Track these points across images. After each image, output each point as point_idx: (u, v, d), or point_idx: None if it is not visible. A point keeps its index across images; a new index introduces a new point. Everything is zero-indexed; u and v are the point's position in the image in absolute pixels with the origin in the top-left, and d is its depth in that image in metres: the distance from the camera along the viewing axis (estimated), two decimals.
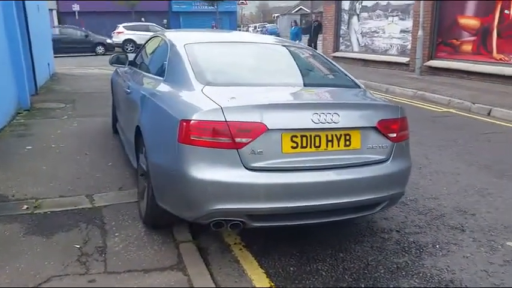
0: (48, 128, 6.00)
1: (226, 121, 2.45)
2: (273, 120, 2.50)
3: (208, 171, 2.46)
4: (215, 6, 32.75)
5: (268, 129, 2.48)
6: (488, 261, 2.88)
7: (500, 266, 2.83)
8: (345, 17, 16.59)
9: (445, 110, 8.24)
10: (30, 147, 5.08)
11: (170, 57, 3.37)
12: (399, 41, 13.93)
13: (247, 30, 48.39)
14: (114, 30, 26.17)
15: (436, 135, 6.15)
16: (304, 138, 2.58)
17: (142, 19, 31.90)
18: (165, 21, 35.27)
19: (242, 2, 36.93)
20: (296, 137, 2.56)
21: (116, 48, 23.85)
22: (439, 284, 2.63)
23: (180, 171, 2.52)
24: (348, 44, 16.45)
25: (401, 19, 13.76)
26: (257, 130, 2.47)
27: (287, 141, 2.55)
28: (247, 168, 2.48)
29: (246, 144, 2.46)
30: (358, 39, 15.93)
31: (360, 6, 15.66)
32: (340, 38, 16.83)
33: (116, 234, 3.08)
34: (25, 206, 3.44)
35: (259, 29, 52.68)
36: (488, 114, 7.73)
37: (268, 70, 3.36)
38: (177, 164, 2.54)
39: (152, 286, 2.49)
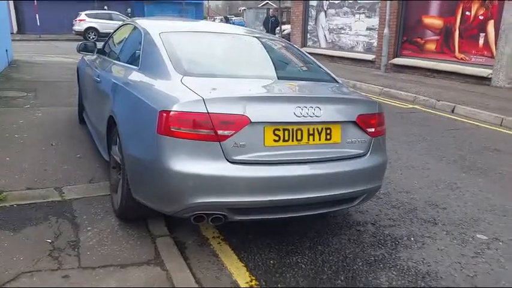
0: (9, 118, 5.68)
1: (208, 113, 2.39)
2: (256, 112, 2.46)
3: (189, 164, 2.39)
4: None
5: (251, 121, 2.44)
6: (461, 254, 2.97)
7: (472, 257, 2.93)
8: (313, 13, 16.71)
9: (411, 106, 8.47)
10: None
11: (145, 46, 3.25)
12: (365, 39, 14.18)
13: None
14: (76, 18, 25.20)
15: (404, 131, 6.31)
16: (286, 132, 2.56)
17: (105, 7, 30.86)
18: (129, 10, 34.24)
19: None
20: (278, 130, 2.54)
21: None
22: (416, 277, 2.69)
23: (159, 163, 2.44)
24: (315, 40, 16.60)
25: (367, 17, 14.00)
26: (240, 123, 2.42)
27: (269, 135, 2.52)
28: (229, 161, 2.43)
29: (228, 136, 2.41)
30: (325, 36, 16.09)
31: (328, 3, 15.82)
32: (308, 34, 16.95)
33: (89, 228, 2.96)
34: None
35: (223, 22, 52.25)
36: (452, 111, 8.00)
37: (247, 62, 3.31)
38: (156, 156, 2.46)
39: (129, 282, 2.40)
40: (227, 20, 27.84)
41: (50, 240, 2.75)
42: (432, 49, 11.52)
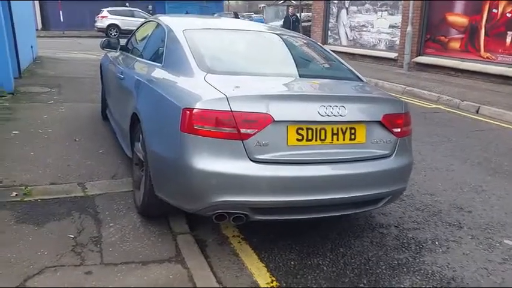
0: (34, 113, 5.79)
1: (231, 111, 2.37)
2: (280, 111, 2.43)
3: (211, 162, 2.38)
4: None
5: (275, 120, 2.41)
6: (488, 259, 2.89)
7: (500, 264, 2.84)
8: (334, 10, 16.52)
9: (435, 106, 8.29)
10: (16, 132, 4.89)
11: (168, 43, 3.25)
12: (388, 36, 13.95)
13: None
14: (98, 14, 25.55)
15: (427, 131, 6.18)
16: (309, 131, 2.52)
17: (127, 4, 31.22)
18: (150, 7, 34.54)
19: None
20: (302, 129, 2.50)
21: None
22: (441, 282, 2.62)
23: (182, 161, 2.43)
24: (336, 37, 16.42)
25: (390, 14, 13.77)
26: (263, 121, 2.40)
27: (293, 134, 2.49)
28: (252, 160, 2.40)
29: (251, 135, 2.38)
30: (346, 33, 15.90)
31: (349, 1, 15.63)
32: (329, 31, 16.78)
33: (111, 224, 2.98)
34: (14, 193, 3.29)
35: (245, 19, 52.26)
36: (477, 112, 7.80)
37: (269, 59, 3.28)
38: (179, 153, 2.45)
39: (151, 279, 2.41)
40: (236, 16, 27.57)
41: (72, 236, 2.78)
42: (456, 48, 11.26)
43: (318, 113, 2.49)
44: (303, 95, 2.63)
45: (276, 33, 3.70)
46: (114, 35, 24.41)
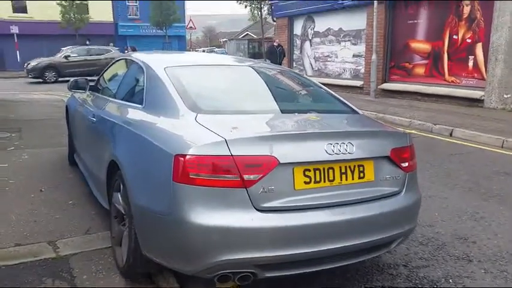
0: None
1: (232, 155, 2.09)
2: (285, 152, 2.18)
3: (212, 216, 2.08)
4: (164, 30, 32.40)
5: (280, 163, 2.16)
6: None
7: None
8: (298, 42, 16.82)
9: (408, 131, 8.27)
10: None
11: (148, 82, 2.97)
12: (352, 65, 14.25)
13: None
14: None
15: None
16: (317, 172, 2.28)
17: (88, 42, 30.75)
18: (111, 44, 34.22)
19: (191, 27, 36.80)
20: (309, 170, 2.26)
21: None
22: None
23: (176, 215, 2.12)
24: (302, 68, 16.63)
25: (353, 44, 14.11)
26: (268, 165, 2.13)
27: (299, 176, 2.23)
28: (258, 210, 2.12)
29: (255, 181, 2.11)
30: (311, 64, 16.15)
31: (312, 32, 15.95)
32: (294, 63, 17.00)
33: None
34: None
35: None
36: (450, 135, 7.88)
37: (260, 95, 3.05)
38: (172, 207, 2.14)
39: None
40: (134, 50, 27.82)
41: None
42: (421, 73, 11.56)
43: (326, 151, 2.26)
44: (308, 133, 2.40)
45: (262, 67, 3.50)
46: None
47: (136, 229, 2.42)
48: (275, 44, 15.45)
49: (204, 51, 55.70)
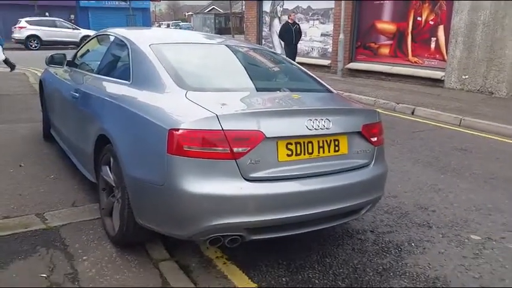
0: None
1: (222, 129, 2.28)
2: (270, 127, 2.39)
3: (204, 184, 2.27)
4: (127, 2, 31.39)
5: (266, 137, 2.37)
6: (462, 256, 3.05)
7: (473, 259, 3.01)
8: (267, 19, 16.84)
9: None
10: None
11: (135, 59, 3.07)
12: (320, 44, 14.48)
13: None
14: (15, 25, 23.79)
15: None
16: (298, 145, 2.51)
17: (47, 14, 29.46)
18: (72, 16, 32.93)
19: None
20: (291, 144, 2.48)
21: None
22: (427, 283, 2.72)
23: (172, 185, 2.30)
24: (271, 46, 16.70)
25: (321, 23, 14.32)
26: (255, 138, 2.34)
27: (283, 149, 2.46)
28: (246, 179, 2.33)
29: (244, 153, 2.31)
30: (280, 42, 16.25)
31: (281, 9, 16.00)
32: (263, 40, 17.05)
33: (84, 257, 2.73)
34: None
35: (172, 27, 51.50)
36: (412, 113, 8.32)
37: (244, 73, 3.23)
38: (167, 177, 2.32)
39: None
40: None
41: (45, 275, 2.51)
42: (386, 53, 11.96)
43: (306, 126, 2.49)
44: (291, 110, 2.61)
45: (244, 46, 3.66)
46: (35, 47, 22.94)
47: (131, 199, 2.58)
48: (289, 20, 12.14)
49: (168, 25, 54.49)
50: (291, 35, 11.91)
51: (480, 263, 2.97)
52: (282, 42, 12.53)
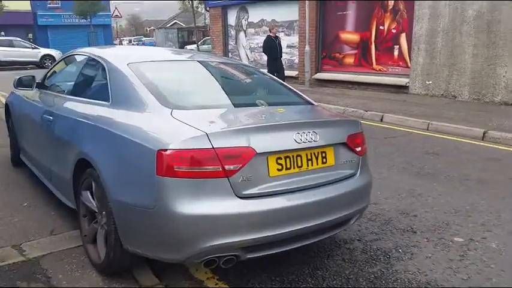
0: None
1: (213, 147, 2.24)
2: (260, 143, 2.37)
3: (198, 205, 2.22)
4: (88, 20, 30.84)
5: (257, 153, 2.35)
6: (449, 258, 3.11)
7: (460, 261, 3.08)
8: (232, 32, 16.95)
9: None
10: None
11: (113, 79, 2.99)
12: (287, 56, 14.65)
13: (120, 44, 46.11)
14: None
15: None
16: (287, 159, 2.50)
17: (2, 33, 28.53)
18: (30, 35, 32.00)
19: (117, 15, 35.35)
20: (281, 158, 2.47)
21: None
22: None
23: (163, 207, 2.23)
24: (238, 59, 16.80)
25: (287, 35, 14.53)
26: (246, 155, 2.32)
27: (273, 164, 2.44)
28: (239, 197, 2.30)
29: (236, 171, 2.28)
30: (247, 54, 16.39)
31: (246, 22, 16.16)
32: (229, 53, 17.12)
33: None
34: None
35: (135, 43, 50.91)
36: (381, 120, 8.53)
37: (225, 89, 3.19)
38: (158, 200, 2.25)
39: None
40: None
41: None
42: (351, 63, 12.25)
43: (295, 140, 2.49)
44: (280, 124, 2.61)
45: (222, 62, 3.65)
46: None
47: (117, 225, 2.49)
48: (271, 34, 11.31)
49: (130, 41, 53.78)
50: (275, 49, 11.33)
51: (467, 264, 3.04)
52: (265, 57, 11.80)
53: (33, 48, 24.28)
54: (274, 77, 3.76)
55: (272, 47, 11.26)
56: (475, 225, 3.67)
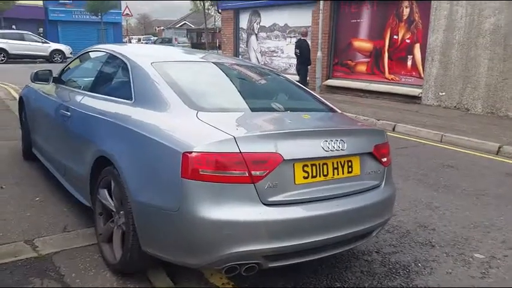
0: None
1: (240, 152, 2.18)
2: (287, 149, 2.30)
3: (221, 210, 2.15)
4: (99, 16, 30.94)
5: (284, 159, 2.28)
6: (470, 275, 3.03)
7: (481, 278, 3.00)
8: (244, 35, 16.93)
9: None
10: None
11: (136, 78, 2.93)
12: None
13: (129, 42, 46.27)
14: None
15: None
16: (314, 167, 2.43)
17: (13, 27, 28.64)
18: (41, 29, 32.13)
19: (127, 14, 35.47)
20: (307, 166, 2.40)
21: None
22: None
23: (187, 211, 2.17)
24: None
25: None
26: (273, 161, 2.25)
27: (299, 171, 2.37)
28: (264, 204, 2.23)
29: (262, 177, 2.21)
30: (257, 58, 16.34)
31: (258, 26, 16.13)
32: (240, 56, 17.09)
33: None
34: None
35: (143, 42, 51.03)
36: (393, 129, 8.44)
37: (252, 94, 3.14)
38: (181, 203, 2.18)
39: None
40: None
41: None
42: (363, 70, 12.18)
43: (322, 148, 2.42)
44: (308, 131, 2.54)
45: (245, 65, 3.59)
46: (1, 60, 22.17)
47: (137, 226, 2.43)
48: (302, 37, 11.43)
49: (139, 39, 53.89)
50: (306, 53, 11.31)
51: (489, 282, 2.95)
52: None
53: (43, 42, 24.37)
54: (296, 82, 3.69)
55: (302, 53, 11.24)
56: (495, 242, 3.58)
